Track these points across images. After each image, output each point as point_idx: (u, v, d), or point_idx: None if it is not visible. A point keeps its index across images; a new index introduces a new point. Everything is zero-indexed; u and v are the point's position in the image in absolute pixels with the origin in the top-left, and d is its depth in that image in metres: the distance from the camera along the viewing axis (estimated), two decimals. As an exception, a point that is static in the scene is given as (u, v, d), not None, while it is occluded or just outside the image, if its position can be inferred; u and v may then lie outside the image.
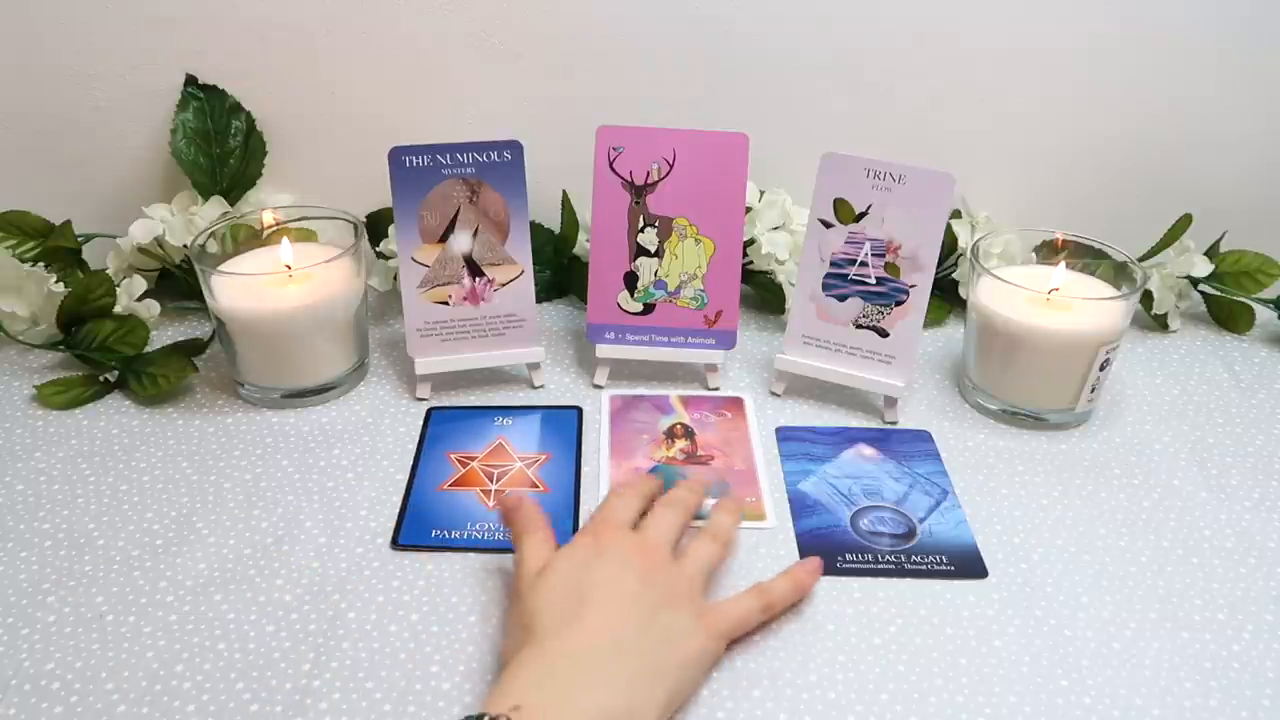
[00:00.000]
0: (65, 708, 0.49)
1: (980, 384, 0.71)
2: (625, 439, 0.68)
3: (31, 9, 0.73)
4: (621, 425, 0.69)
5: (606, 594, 0.49)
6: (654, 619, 0.48)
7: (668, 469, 0.65)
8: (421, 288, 0.69)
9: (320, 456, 0.66)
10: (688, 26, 0.77)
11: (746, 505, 0.62)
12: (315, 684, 0.50)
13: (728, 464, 0.66)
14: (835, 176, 0.66)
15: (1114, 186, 0.83)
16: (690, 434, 0.68)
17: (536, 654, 0.46)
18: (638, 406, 0.71)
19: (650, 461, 0.66)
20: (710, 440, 0.68)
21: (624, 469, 0.65)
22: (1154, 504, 0.63)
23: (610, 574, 0.50)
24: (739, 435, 0.68)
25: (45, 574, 0.56)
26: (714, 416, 0.70)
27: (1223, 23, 0.76)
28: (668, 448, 0.67)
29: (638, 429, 0.69)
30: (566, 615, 0.48)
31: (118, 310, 0.73)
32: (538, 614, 0.48)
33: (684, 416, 0.70)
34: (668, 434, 0.68)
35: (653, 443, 0.67)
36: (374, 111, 0.79)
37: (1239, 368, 0.77)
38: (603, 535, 0.52)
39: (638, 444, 0.67)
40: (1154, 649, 0.53)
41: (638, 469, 0.65)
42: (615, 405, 0.71)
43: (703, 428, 0.69)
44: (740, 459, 0.66)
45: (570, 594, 0.49)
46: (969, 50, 0.78)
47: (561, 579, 0.50)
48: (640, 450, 0.67)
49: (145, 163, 0.80)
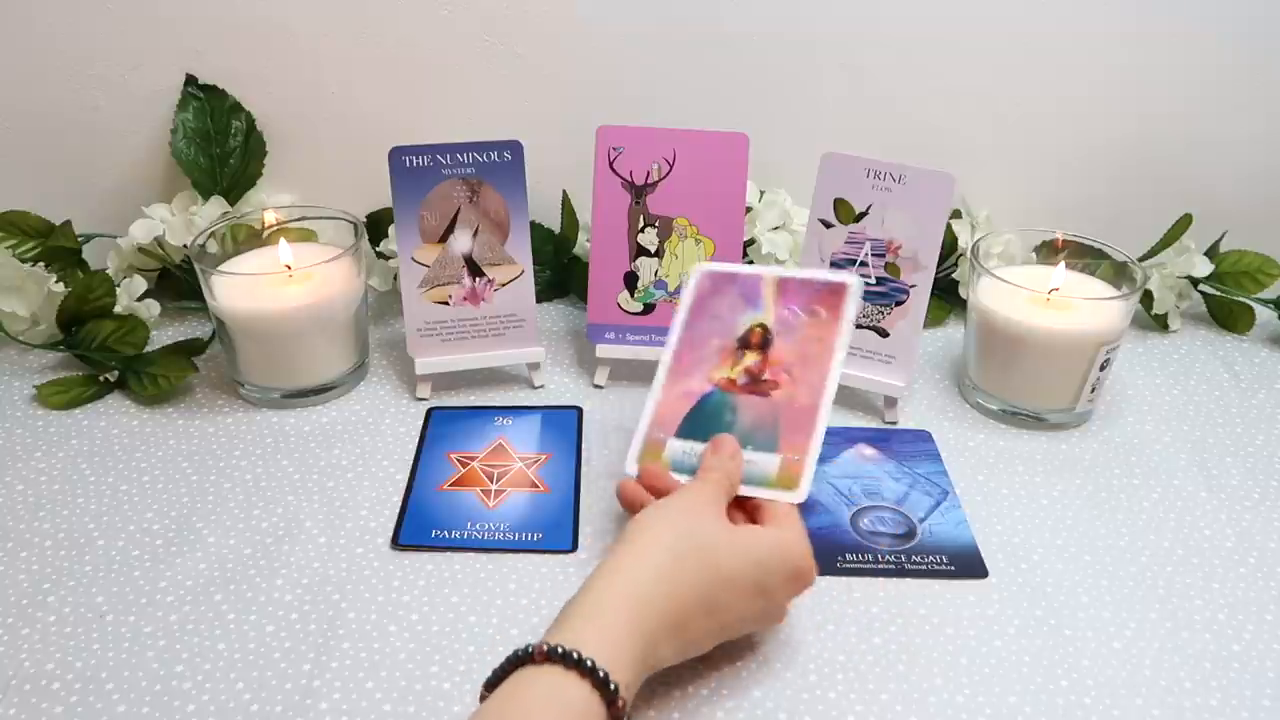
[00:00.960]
0: (65, 708, 0.49)
1: (980, 384, 0.71)
2: (695, 343, 0.60)
3: (31, 9, 0.73)
4: (700, 319, 0.61)
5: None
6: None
7: (722, 396, 0.58)
8: (421, 288, 0.69)
9: (320, 456, 0.66)
10: (687, 27, 0.77)
11: (787, 462, 0.55)
12: (315, 684, 0.50)
13: (790, 398, 0.57)
14: (835, 176, 0.66)
15: (1114, 186, 0.83)
16: (767, 342, 0.59)
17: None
18: (726, 292, 0.61)
19: (707, 384, 0.59)
20: (786, 353, 0.59)
21: (676, 392, 0.59)
22: (1154, 504, 0.63)
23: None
24: (821, 350, 0.58)
25: (45, 574, 0.56)
26: (804, 316, 0.59)
27: (1223, 23, 0.76)
28: (733, 364, 0.59)
29: (713, 329, 0.60)
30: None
31: (118, 310, 0.73)
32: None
33: (770, 312, 0.60)
34: (742, 341, 0.60)
35: (721, 351, 0.60)
36: (374, 111, 0.79)
37: (1239, 368, 0.77)
38: (805, 574, 0.51)
39: (705, 353, 0.60)
40: (1154, 649, 0.53)
41: (689, 394, 0.59)
42: (703, 287, 0.62)
43: (785, 331, 0.59)
44: (806, 391, 0.57)
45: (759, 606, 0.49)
46: (969, 50, 0.78)
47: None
48: (705, 364, 0.59)
49: (145, 163, 0.80)
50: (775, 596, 0.50)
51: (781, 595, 0.50)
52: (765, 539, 0.50)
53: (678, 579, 0.46)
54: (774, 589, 0.49)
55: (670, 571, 0.46)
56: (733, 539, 0.49)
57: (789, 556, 0.50)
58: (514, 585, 0.56)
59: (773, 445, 0.56)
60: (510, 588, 0.56)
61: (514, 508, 0.62)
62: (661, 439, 0.58)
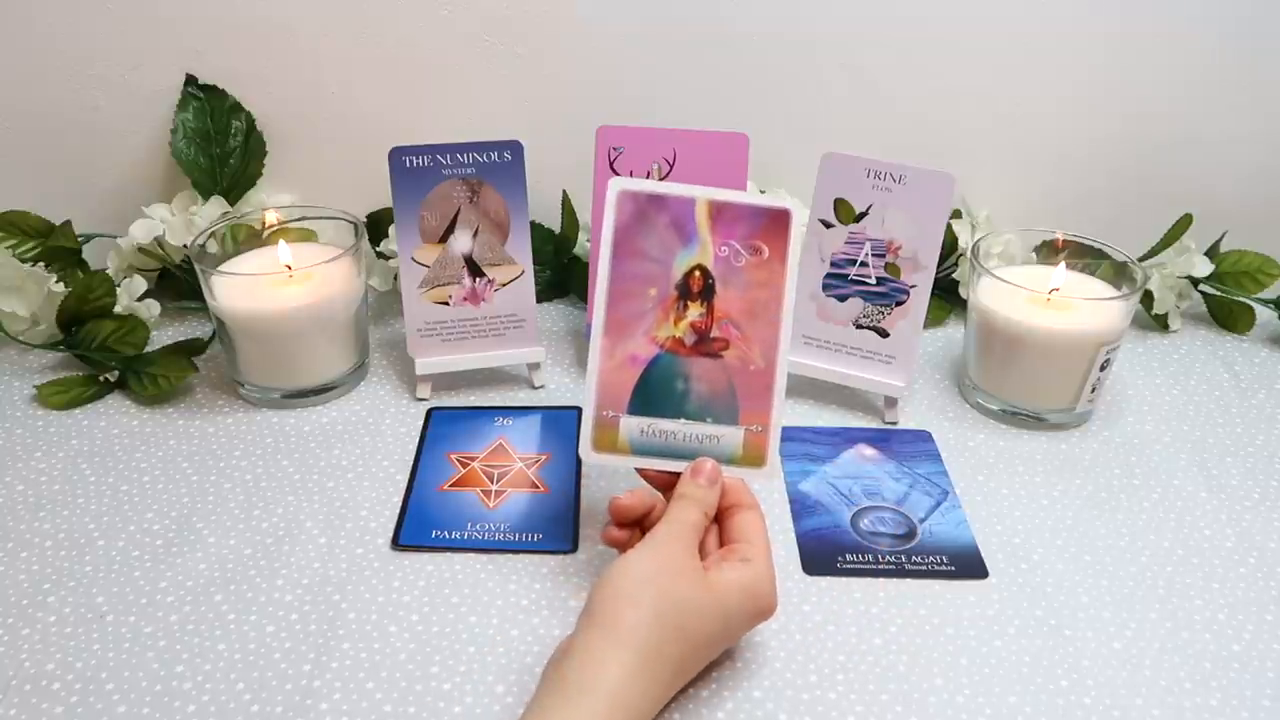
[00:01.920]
0: (66, 708, 0.49)
1: (980, 384, 0.71)
2: (626, 293, 0.53)
3: (31, 9, 0.73)
4: (626, 260, 0.54)
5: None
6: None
7: (669, 362, 0.53)
8: (422, 288, 0.69)
9: (320, 457, 0.66)
10: (688, 27, 0.77)
11: (750, 435, 0.53)
12: (316, 684, 0.50)
13: (743, 360, 0.53)
14: (835, 176, 0.66)
15: (1114, 186, 0.83)
16: (709, 290, 0.54)
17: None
18: (654, 221, 0.53)
19: (652, 346, 0.53)
20: (732, 303, 0.53)
21: (617, 358, 0.53)
22: (1154, 504, 0.63)
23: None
24: (769, 298, 0.53)
25: (45, 574, 0.56)
26: (745, 254, 0.53)
27: (1222, 23, 0.76)
28: (676, 318, 0.53)
29: (646, 272, 0.53)
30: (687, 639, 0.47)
31: (118, 310, 0.73)
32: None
33: (708, 252, 0.54)
34: (682, 287, 0.54)
35: (660, 304, 0.53)
36: (374, 111, 0.79)
37: (1239, 368, 0.77)
38: (768, 611, 0.50)
39: (641, 306, 0.54)
40: (1154, 649, 0.53)
41: (633, 359, 0.53)
42: (623, 213, 0.54)
43: (728, 274, 0.54)
44: (760, 350, 0.53)
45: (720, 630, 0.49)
46: (969, 50, 0.78)
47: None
48: (644, 319, 0.53)
49: (145, 163, 0.80)
50: (736, 633, 0.50)
51: (741, 631, 0.51)
52: (735, 586, 0.48)
53: (657, 669, 0.45)
54: (737, 627, 0.50)
55: (650, 662, 0.45)
56: (708, 600, 0.47)
57: (757, 596, 0.49)
58: (514, 586, 0.56)
59: (733, 416, 0.53)
60: (510, 588, 0.56)
61: (514, 508, 0.62)
62: (614, 418, 0.53)
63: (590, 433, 0.54)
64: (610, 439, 0.54)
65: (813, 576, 0.57)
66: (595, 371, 0.54)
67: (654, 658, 0.45)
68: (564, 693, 0.44)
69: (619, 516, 0.53)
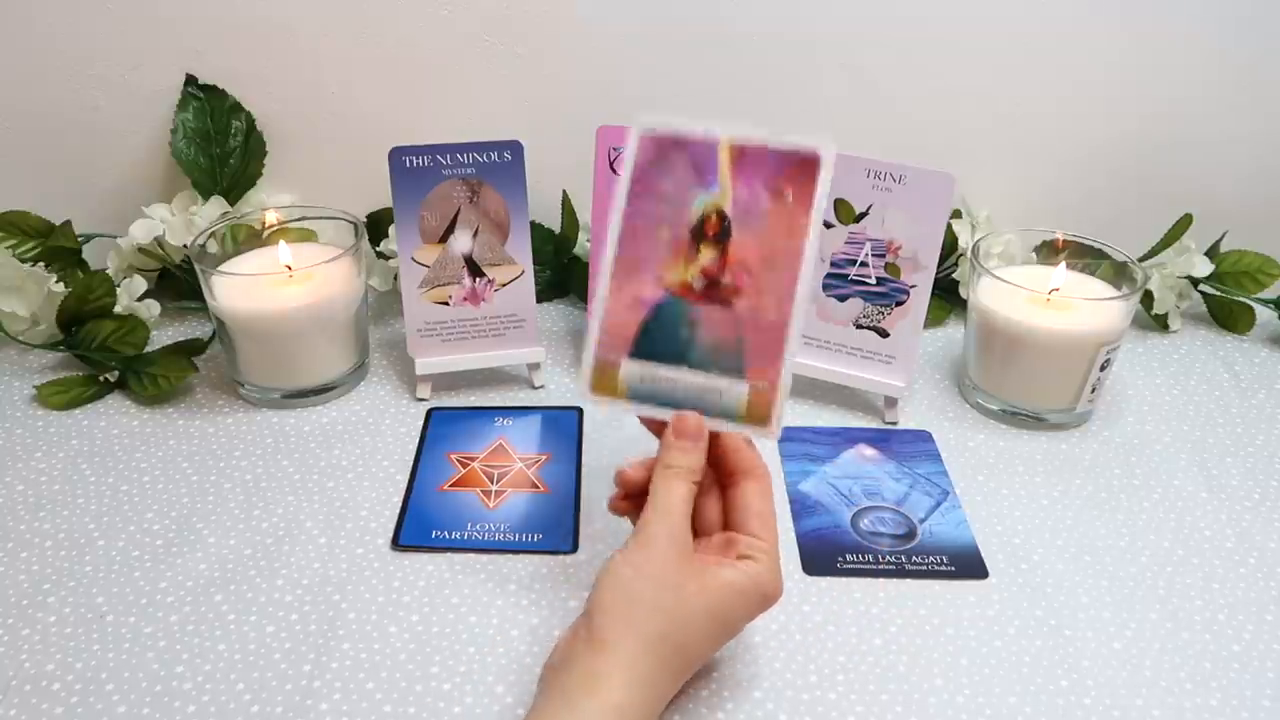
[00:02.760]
0: (66, 708, 0.49)
1: (980, 384, 0.71)
2: (639, 231, 0.51)
3: (31, 9, 0.73)
4: (643, 200, 0.51)
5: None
6: None
7: (676, 307, 0.51)
8: (422, 288, 0.69)
9: (320, 457, 0.66)
10: (688, 26, 0.77)
11: (755, 392, 0.50)
12: (316, 684, 0.50)
13: (754, 312, 0.50)
14: (835, 176, 0.66)
15: (1114, 186, 0.83)
16: (725, 233, 0.51)
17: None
18: (674, 161, 0.51)
19: (660, 290, 0.51)
20: (748, 249, 0.50)
21: (624, 299, 0.51)
22: (1154, 504, 0.63)
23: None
24: (789, 246, 0.50)
25: (45, 574, 0.56)
26: (767, 198, 0.51)
27: (1223, 23, 0.76)
28: (689, 261, 0.51)
29: (661, 214, 0.51)
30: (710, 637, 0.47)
31: (118, 310, 0.73)
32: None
33: (728, 195, 0.51)
34: (696, 231, 0.51)
35: (673, 246, 0.51)
36: (374, 111, 0.79)
37: (1239, 368, 0.77)
38: (773, 599, 0.49)
39: (654, 247, 0.51)
40: (1154, 649, 0.53)
41: (641, 301, 0.51)
42: (645, 152, 0.52)
43: (747, 218, 0.51)
44: (774, 301, 0.50)
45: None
46: (969, 50, 0.78)
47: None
48: (654, 260, 0.51)
49: (145, 163, 0.80)
50: (738, 628, 0.49)
51: (744, 624, 0.49)
52: (735, 591, 0.47)
53: (659, 681, 0.45)
54: (738, 624, 0.49)
55: (653, 676, 0.45)
56: (707, 612, 0.46)
57: (761, 594, 0.47)
58: (514, 586, 0.56)
59: (739, 370, 0.50)
60: (511, 588, 0.56)
61: (514, 508, 0.62)
62: (615, 361, 0.51)
63: (589, 374, 0.52)
64: (610, 382, 0.51)
65: (813, 577, 0.57)
66: (600, 312, 0.52)
67: (656, 673, 0.45)
68: (567, 703, 0.43)
69: (626, 489, 0.51)
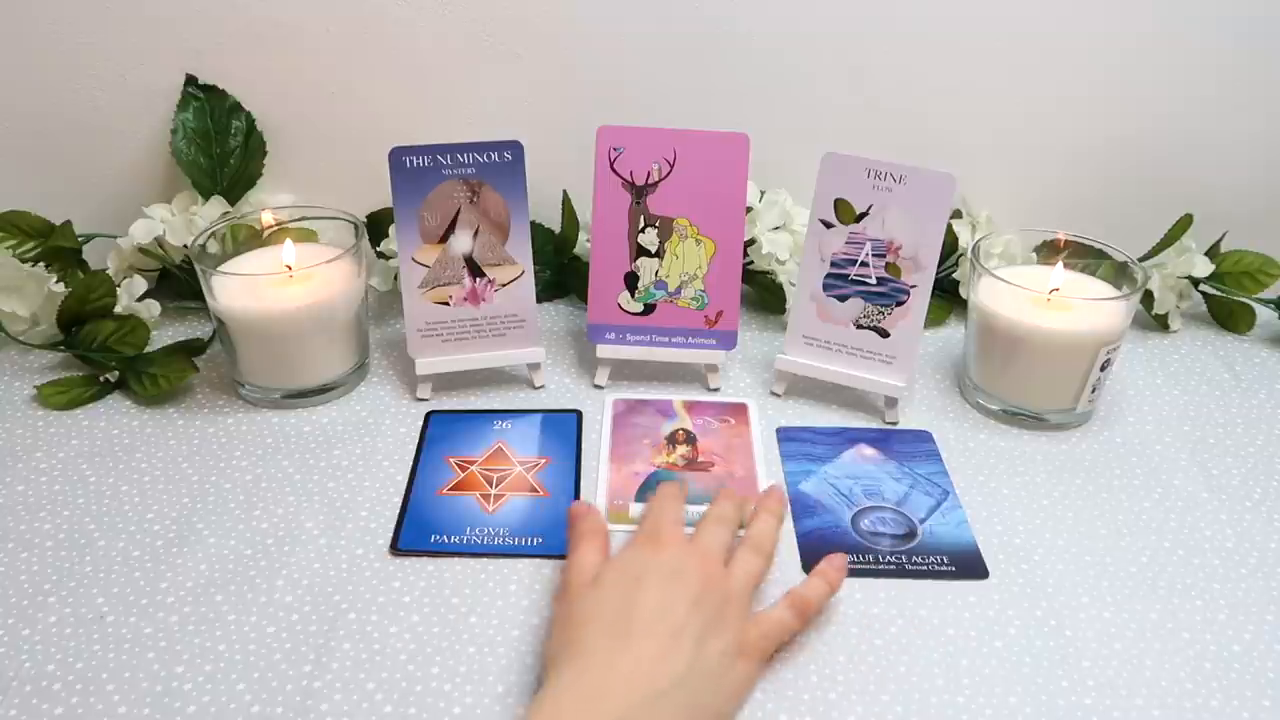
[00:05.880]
0: (66, 709, 0.49)
1: (981, 384, 0.71)
2: (626, 442, 0.67)
3: (32, 9, 0.73)
4: (623, 428, 0.69)
5: (657, 615, 0.47)
6: (703, 648, 0.47)
7: (667, 474, 0.65)
8: (422, 288, 0.69)
9: (320, 457, 0.66)
10: (688, 26, 0.77)
11: (746, 514, 0.61)
12: (316, 685, 0.50)
13: (728, 470, 0.65)
14: (836, 176, 0.66)
15: (1115, 187, 0.83)
16: (692, 439, 0.68)
17: (583, 677, 0.45)
18: (641, 410, 0.70)
19: (650, 466, 0.65)
20: (712, 446, 0.67)
21: (623, 473, 0.65)
22: (1154, 504, 0.63)
23: (663, 592, 0.48)
24: (741, 442, 0.68)
25: (46, 574, 0.56)
26: (716, 423, 0.69)
27: (1223, 23, 0.76)
28: (668, 453, 0.67)
29: (639, 433, 0.68)
30: (616, 633, 0.47)
31: (118, 310, 0.73)
32: (587, 625, 0.48)
33: (687, 421, 0.69)
34: (669, 439, 0.68)
35: (654, 447, 0.67)
36: (374, 111, 0.79)
37: (1239, 368, 0.77)
38: (661, 544, 0.52)
39: (639, 448, 0.67)
40: (1154, 649, 0.53)
41: (637, 474, 0.65)
42: (618, 409, 0.71)
43: (705, 433, 0.68)
44: (740, 465, 0.66)
45: (621, 610, 0.48)
46: (969, 50, 0.78)
47: (614, 592, 0.49)
48: (640, 455, 0.66)
49: (145, 163, 0.80)
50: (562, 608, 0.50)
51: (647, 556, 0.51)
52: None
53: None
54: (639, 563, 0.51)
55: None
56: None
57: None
58: (515, 587, 0.56)
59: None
60: (511, 589, 0.56)
61: (513, 512, 0.61)
62: (624, 504, 0.62)
63: (605, 513, 0.62)
64: (622, 516, 0.62)
65: (813, 577, 0.57)
66: (605, 480, 0.64)
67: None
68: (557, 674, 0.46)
69: None
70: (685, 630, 0.47)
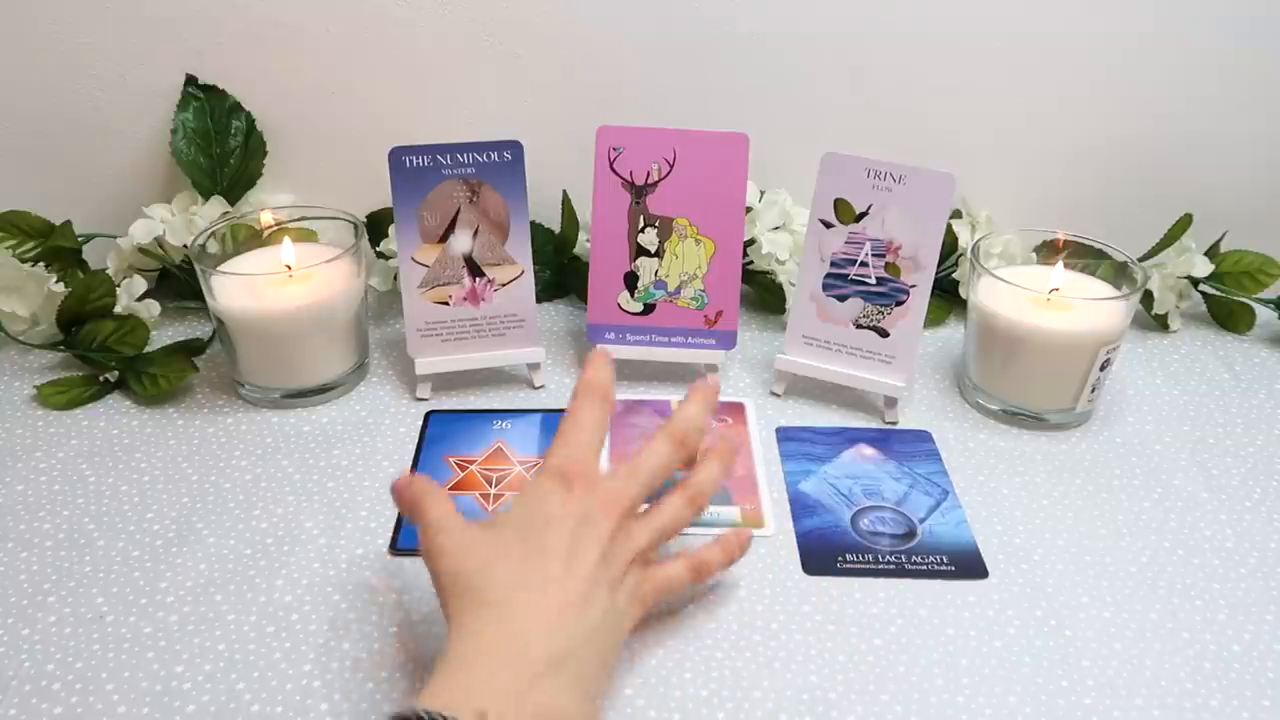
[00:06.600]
0: (65, 708, 0.49)
1: (980, 384, 0.71)
2: (624, 443, 0.67)
3: (32, 9, 0.73)
4: (622, 429, 0.69)
5: (566, 564, 0.46)
6: (611, 602, 0.47)
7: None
8: (422, 288, 0.69)
9: (320, 457, 0.66)
10: (688, 26, 0.77)
11: (746, 513, 0.61)
12: (315, 684, 0.50)
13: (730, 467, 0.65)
14: (835, 176, 0.66)
15: (1114, 187, 0.83)
16: None
17: (488, 632, 0.44)
18: (639, 411, 0.70)
19: None
20: (709, 441, 0.67)
21: None
22: (1154, 504, 0.63)
23: (572, 538, 0.47)
24: (740, 436, 0.68)
25: (45, 574, 0.56)
26: (714, 422, 0.69)
27: (1223, 23, 0.76)
28: None
29: (638, 433, 0.68)
30: (527, 584, 0.45)
31: (118, 310, 0.73)
32: (487, 571, 0.46)
33: None
34: None
35: None
36: (374, 111, 0.79)
37: (1239, 368, 0.77)
38: (569, 484, 0.49)
39: (636, 446, 0.66)
40: (1154, 649, 0.53)
41: None
42: (616, 409, 0.70)
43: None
44: (739, 465, 0.65)
45: (531, 553, 0.46)
46: (969, 50, 0.78)
47: (519, 527, 0.47)
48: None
49: (145, 163, 0.80)
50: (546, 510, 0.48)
51: (551, 503, 0.48)
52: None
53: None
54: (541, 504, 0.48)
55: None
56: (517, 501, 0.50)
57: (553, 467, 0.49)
58: (514, 585, 0.56)
59: (726, 499, 0.63)
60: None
61: (514, 508, 0.61)
62: None
63: None
64: None
65: (813, 576, 0.57)
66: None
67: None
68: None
69: None
70: (595, 583, 0.46)
